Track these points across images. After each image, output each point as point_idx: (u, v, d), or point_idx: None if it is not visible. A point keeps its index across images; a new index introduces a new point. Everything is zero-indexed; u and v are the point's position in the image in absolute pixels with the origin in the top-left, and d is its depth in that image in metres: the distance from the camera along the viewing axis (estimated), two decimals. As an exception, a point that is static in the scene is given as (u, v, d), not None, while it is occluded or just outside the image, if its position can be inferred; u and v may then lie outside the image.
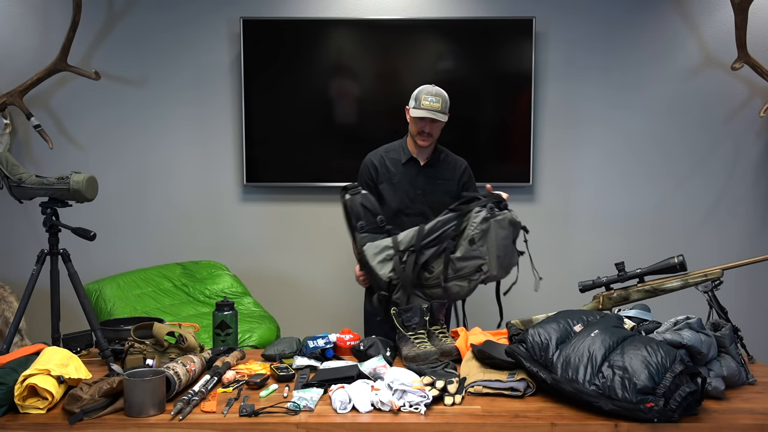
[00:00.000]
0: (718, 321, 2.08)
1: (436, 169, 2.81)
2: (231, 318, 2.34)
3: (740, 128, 3.72)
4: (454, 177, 2.82)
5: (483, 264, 2.38)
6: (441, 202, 2.73)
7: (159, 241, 3.80)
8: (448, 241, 2.40)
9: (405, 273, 2.38)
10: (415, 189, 2.78)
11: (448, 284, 2.39)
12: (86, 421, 1.68)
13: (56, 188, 2.42)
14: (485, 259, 2.38)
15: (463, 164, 2.86)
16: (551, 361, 1.80)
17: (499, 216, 2.39)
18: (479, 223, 2.37)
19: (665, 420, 1.65)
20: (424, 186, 2.78)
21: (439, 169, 2.81)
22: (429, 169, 2.79)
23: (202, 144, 3.77)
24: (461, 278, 2.40)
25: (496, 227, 2.38)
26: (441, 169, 2.81)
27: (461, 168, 2.85)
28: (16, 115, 3.67)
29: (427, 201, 2.77)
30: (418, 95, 2.69)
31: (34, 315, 3.11)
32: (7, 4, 3.70)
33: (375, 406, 1.77)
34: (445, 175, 2.81)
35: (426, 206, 2.76)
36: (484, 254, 2.38)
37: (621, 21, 3.68)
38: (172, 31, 3.71)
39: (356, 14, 3.69)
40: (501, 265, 2.42)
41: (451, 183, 2.81)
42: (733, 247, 3.74)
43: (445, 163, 2.83)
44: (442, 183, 2.80)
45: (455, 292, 2.42)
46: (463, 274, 2.39)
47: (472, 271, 2.39)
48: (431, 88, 2.70)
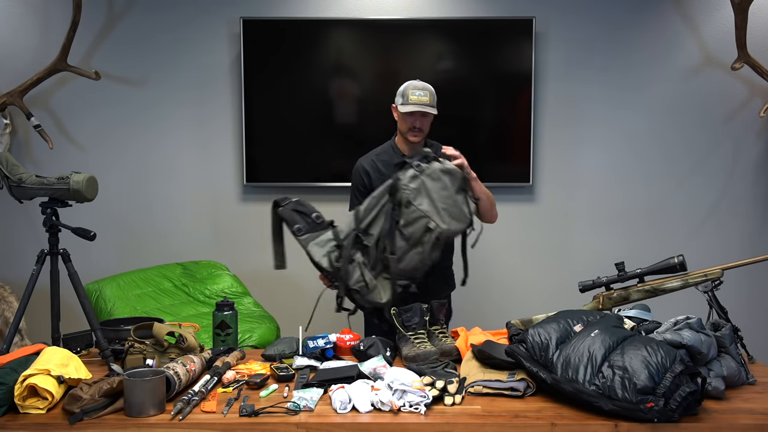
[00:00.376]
0: (718, 321, 2.08)
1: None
2: (231, 318, 2.34)
3: (740, 128, 3.72)
4: None
5: (428, 221, 2.27)
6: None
7: (159, 241, 3.79)
8: (389, 212, 2.30)
9: (342, 265, 2.29)
10: None
11: (406, 256, 2.29)
12: (86, 421, 1.68)
13: (56, 188, 2.42)
14: (429, 216, 2.27)
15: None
16: (551, 361, 1.80)
17: (427, 169, 2.30)
18: (408, 182, 2.29)
19: (665, 420, 1.65)
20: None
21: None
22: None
23: (202, 144, 3.77)
24: (415, 245, 2.29)
25: (428, 181, 2.29)
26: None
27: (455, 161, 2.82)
28: (16, 115, 3.67)
29: None
30: (404, 91, 2.65)
31: (34, 315, 3.11)
32: (7, 4, 3.70)
33: (375, 406, 1.77)
34: None
35: None
36: (426, 211, 2.27)
37: (621, 21, 3.68)
38: (172, 31, 3.71)
39: (356, 14, 3.69)
40: (451, 217, 2.30)
41: None
42: (733, 247, 3.74)
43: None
44: None
45: (418, 260, 2.30)
46: (414, 240, 2.29)
47: (421, 233, 2.28)
48: (417, 83, 2.66)
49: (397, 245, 2.30)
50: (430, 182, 2.29)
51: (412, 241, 2.29)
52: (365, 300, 2.32)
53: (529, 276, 3.84)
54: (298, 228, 2.37)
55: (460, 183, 2.34)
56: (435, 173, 2.30)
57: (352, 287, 2.30)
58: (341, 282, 2.31)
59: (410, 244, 2.29)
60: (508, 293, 3.82)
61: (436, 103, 2.65)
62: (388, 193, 2.34)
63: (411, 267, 2.32)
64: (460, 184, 2.34)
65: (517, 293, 3.83)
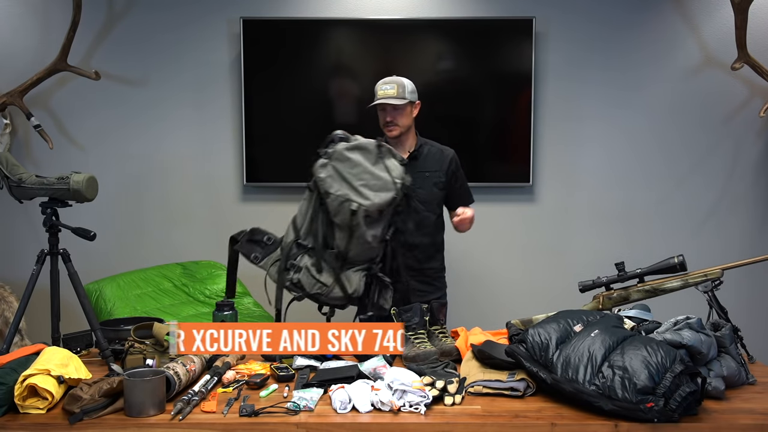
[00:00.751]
0: (718, 321, 2.08)
1: (421, 161, 2.74)
2: (231, 318, 2.34)
3: (740, 128, 3.72)
4: (442, 167, 2.76)
5: (349, 204, 2.11)
6: (431, 195, 2.72)
7: (159, 241, 3.79)
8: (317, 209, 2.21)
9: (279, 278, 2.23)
10: None
11: (350, 245, 2.17)
12: (86, 421, 1.69)
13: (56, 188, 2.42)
14: (348, 198, 2.12)
15: (450, 153, 2.80)
16: (551, 361, 1.80)
17: (333, 153, 2.18)
18: (320, 172, 2.19)
19: (665, 420, 1.65)
20: (411, 181, 2.66)
21: (424, 161, 2.75)
22: (413, 162, 2.71)
23: (202, 144, 3.77)
24: (350, 231, 2.15)
25: (337, 164, 2.17)
26: (426, 161, 2.75)
27: (448, 157, 2.78)
28: (16, 115, 3.67)
29: (417, 195, 2.67)
30: (375, 89, 2.67)
31: (34, 315, 3.11)
32: (7, 4, 3.70)
33: (375, 406, 1.77)
34: (431, 167, 2.75)
35: (416, 201, 2.66)
36: (344, 195, 2.12)
37: (621, 21, 3.68)
38: (172, 30, 3.71)
39: (356, 14, 3.69)
40: (373, 190, 2.14)
41: (438, 174, 2.75)
42: (733, 247, 3.74)
43: (429, 154, 2.77)
44: (430, 175, 2.74)
45: (362, 244, 2.16)
46: (346, 226, 2.15)
47: (347, 217, 2.13)
48: (387, 78, 2.67)
49: (337, 237, 2.19)
50: (339, 165, 2.17)
51: (345, 228, 2.17)
52: (330, 299, 2.23)
53: (529, 276, 3.84)
54: (255, 257, 2.31)
55: (376, 153, 2.19)
56: (341, 155, 2.17)
57: (312, 293, 2.23)
58: (298, 291, 2.24)
59: (347, 232, 2.17)
60: (508, 293, 3.82)
61: (410, 93, 2.66)
62: (309, 190, 2.25)
63: (359, 252, 2.19)
64: (376, 154, 2.20)
65: (517, 293, 3.83)
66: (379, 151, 2.19)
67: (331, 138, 2.23)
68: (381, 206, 2.15)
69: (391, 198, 2.16)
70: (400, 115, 2.66)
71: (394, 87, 2.63)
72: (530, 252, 3.83)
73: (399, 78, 2.68)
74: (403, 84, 2.66)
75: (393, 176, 2.17)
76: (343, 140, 2.21)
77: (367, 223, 2.14)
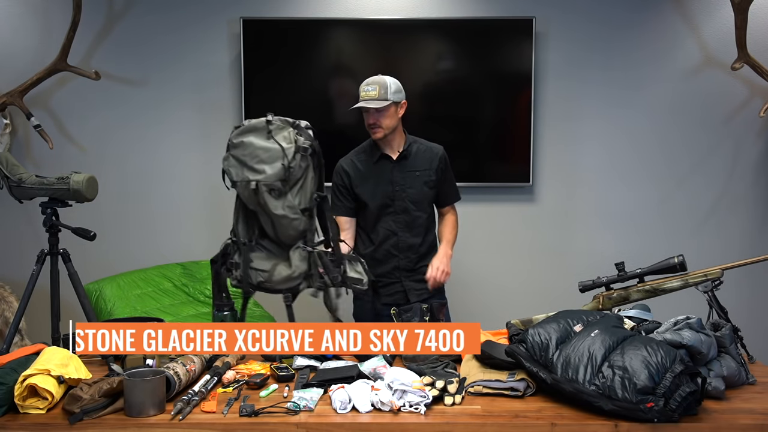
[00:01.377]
0: (718, 321, 2.08)
1: (410, 160, 2.70)
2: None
3: (740, 128, 3.72)
4: (432, 166, 2.72)
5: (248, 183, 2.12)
6: (421, 194, 2.69)
7: (159, 241, 3.79)
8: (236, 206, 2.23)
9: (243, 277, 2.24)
10: (393, 186, 2.68)
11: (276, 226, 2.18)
12: (86, 421, 1.69)
13: (56, 188, 2.42)
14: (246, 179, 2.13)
15: (439, 151, 2.76)
16: (551, 361, 1.80)
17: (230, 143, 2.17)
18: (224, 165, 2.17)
19: (665, 420, 1.65)
20: (401, 181, 2.68)
21: (414, 161, 2.71)
22: (403, 162, 2.69)
23: (202, 143, 3.77)
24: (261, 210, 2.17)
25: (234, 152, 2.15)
26: (416, 159, 2.71)
27: (437, 155, 2.74)
28: (16, 115, 3.67)
29: (408, 195, 2.69)
30: (359, 90, 2.62)
31: (34, 315, 3.11)
32: (7, 4, 3.70)
33: (375, 406, 1.77)
34: (421, 166, 2.71)
35: (407, 201, 2.68)
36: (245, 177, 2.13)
37: (621, 21, 3.68)
38: (171, 31, 3.71)
39: (356, 14, 3.69)
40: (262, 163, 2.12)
41: (428, 172, 2.71)
42: (733, 247, 3.74)
43: (419, 153, 2.73)
44: (420, 174, 2.70)
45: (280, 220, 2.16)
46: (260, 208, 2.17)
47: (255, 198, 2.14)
48: (370, 78, 2.61)
49: (263, 222, 2.21)
50: (236, 152, 2.15)
51: (260, 209, 2.16)
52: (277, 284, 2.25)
53: (529, 276, 3.84)
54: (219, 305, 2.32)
55: (266, 130, 2.14)
56: (234, 142, 2.16)
57: (256, 283, 2.26)
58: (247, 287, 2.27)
59: (264, 214, 2.17)
60: (508, 293, 3.82)
61: (393, 93, 2.56)
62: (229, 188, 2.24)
63: (285, 230, 2.18)
64: (266, 131, 2.14)
65: (517, 293, 3.83)
66: (268, 127, 2.14)
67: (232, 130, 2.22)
68: (278, 176, 2.10)
69: (281, 167, 2.10)
70: (382, 116, 2.59)
71: (375, 88, 2.57)
72: (530, 252, 3.83)
73: (382, 78, 2.61)
74: (385, 85, 2.58)
75: (283, 145, 2.11)
76: (237, 128, 2.20)
77: (275, 196, 2.12)
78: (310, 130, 2.17)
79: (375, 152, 2.70)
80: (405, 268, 2.71)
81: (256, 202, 2.14)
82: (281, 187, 2.12)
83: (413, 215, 2.70)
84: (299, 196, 2.16)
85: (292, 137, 2.13)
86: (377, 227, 2.70)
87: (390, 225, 2.69)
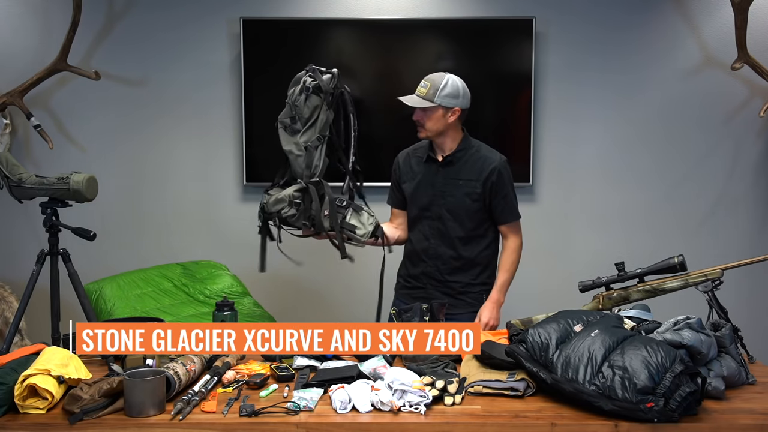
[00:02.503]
0: (718, 321, 2.08)
1: (457, 167, 2.52)
2: (231, 318, 2.34)
3: (740, 128, 3.72)
4: (480, 177, 2.50)
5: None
6: (461, 205, 2.52)
7: (159, 241, 3.80)
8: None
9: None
10: (433, 189, 2.54)
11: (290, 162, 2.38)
12: (86, 421, 1.68)
13: (56, 188, 2.42)
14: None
15: (494, 162, 2.51)
16: (551, 361, 1.80)
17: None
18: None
19: (665, 420, 1.65)
20: (442, 186, 2.53)
21: (461, 167, 2.52)
22: (449, 167, 2.53)
23: (202, 144, 3.77)
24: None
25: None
26: (463, 167, 2.52)
27: (490, 167, 2.50)
28: (16, 115, 3.67)
29: (446, 203, 2.53)
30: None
31: (34, 315, 3.11)
32: (7, 4, 3.70)
33: (375, 406, 1.77)
34: (467, 175, 2.51)
35: (443, 209, 2.52)
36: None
37: (621, 21, 3.68)
38: (172, 31, 3.71)
39: (356, 14, 3.69)
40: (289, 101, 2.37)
41: (474, 184, 2.50)
42: (733, 247, 3.74)
43: (471, 160, 2.52)
44: (464, 183, 2.51)
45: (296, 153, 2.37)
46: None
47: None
48: (431, 75, 2.48)
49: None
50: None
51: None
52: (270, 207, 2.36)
53: (529, 276, 3.83)
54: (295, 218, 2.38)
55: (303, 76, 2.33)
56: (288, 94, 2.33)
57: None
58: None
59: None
60: (509, 293, 3.81)
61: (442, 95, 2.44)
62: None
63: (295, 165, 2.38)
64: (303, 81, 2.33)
65: (517, 293, 3.81)
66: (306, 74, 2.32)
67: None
68: (286, 113, 2.34)
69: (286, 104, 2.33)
70: (427, 117, 2.46)
71: (427, 86, 2.44)
72: (530, 252, 3.80)
73: (441, 78, 2.45)
74: (437, 86, 2.42)
75: (296, 87, 2.31)
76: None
77: (289, 133, 2.35)
78: (329, 75, 2.30)
79: (426, 151, 2.58)
80: (433, 277, 2.60)
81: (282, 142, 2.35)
82: (290, 124, 2.31)
83: (447, 225, 2.54)
84: (307, 134, 2.31)
85: (302, 78, 2.30)
86: (415, 228, 2.61)
87: (424, 229, 2.57)
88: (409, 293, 2.66)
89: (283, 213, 2.33)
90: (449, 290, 2.59)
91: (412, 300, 2.61)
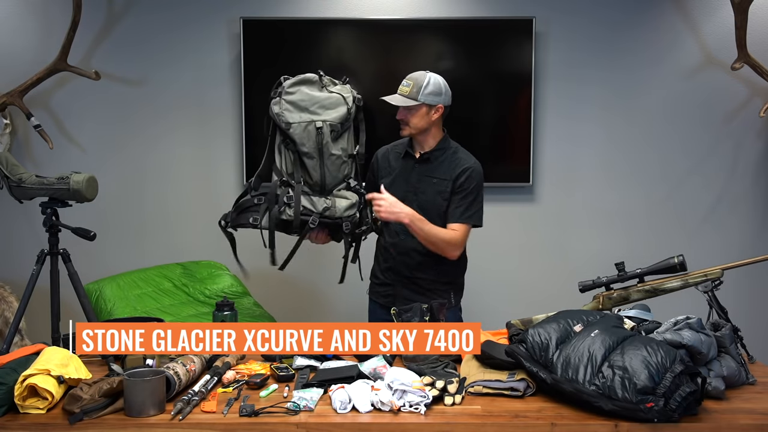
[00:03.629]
0: (718, 321, 2.08)
1: (433, 165, 2.56)
2: (231, 318, 2.34)
3: (740, 128, 3.72)
4: (452, 177, 2.52)
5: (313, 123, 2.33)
6: (433, 203, 2.52)
7: (159, 241, 3.79)
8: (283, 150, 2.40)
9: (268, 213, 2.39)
10: (407, 186, 2.56)
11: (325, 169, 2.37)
12: (86, 421, 1.69)
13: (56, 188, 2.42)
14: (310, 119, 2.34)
15: (467, 164, 2.54)
16: (551, 361, 1.80)
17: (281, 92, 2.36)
18: (274, 110, 2.35)
19: (665, 420, 1.66)
20: (417, 183, 2.56)
21: (437, 166, 2.55)
22: (425, 164, 2.56)
23: (202, 144, 3.77)
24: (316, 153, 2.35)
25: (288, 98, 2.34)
26: (439, 166, 2.55)
27: (462, 167, 2.53)
28: (16, 115, 3.67)
29: (418, 199, 2.53)
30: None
31: (34, 315, 3.11)
32: (7, 4, 3.70)
33: (375, 406, 1.77)
34: (441, 174, 2.54)
35: (415, 205, 2.49)
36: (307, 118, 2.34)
37: (621, 21, 3.68)
38: (172, 31, 3.71)
39: (356, 14, 3.69)
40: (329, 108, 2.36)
41: (446, 183, 2.52)
42: (733, 247, 3.74)
43: (447, 160, 2.56)
44: (438, 182, 2.53)
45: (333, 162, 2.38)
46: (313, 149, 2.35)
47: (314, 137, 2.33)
48: (413, 73, 2.53)
49: (310, 168, 2.34)
50: (290, 98, 2.33)
51: (315, 152, 2.33)
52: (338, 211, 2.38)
53: (529, 276, 3.84)
54: (254, 219, 2.42)
55: (319, 83, 2.37)
56: (289, 90, 2.34)
57: (320, 211, 2.36)
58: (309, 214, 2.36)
59: (317, 157, 2.34)
60: (508, 293, 3.82)
61: (425, 93, 2.48)
62: (272, 136, 2.40)
63: (333, 173, 2.38)
64: (319, 83, 2.37)
65: (517, 293, 3.83)
66: (321, 80, 2.38)
67: (278, 82, 2.39)
68: (341, 119, 2.35)
69: (346, 111, 2.36)
70: (411, 115, 2.50)
71: (410, 85, 2.48)
72: (530, 252, 3.83)
73: (423, 76, 2.49)
74: (420, 84, 2.47)
75: (342, 94, 2.37)
76: (288, 79, 2.37)
77: (334, 138, 2.34)
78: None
79: (406, 147, 2.62)
80: (400, 273, 2.61)
81: (316, 142, 2.31)
82: (340, 129, 2.35)
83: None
84: (349, 141, 2.41)
85: (349, 89, 2.41)
86: (389, 224, 2.59)
87: (396, 225, 2.56)
88: (378, 291, 2.70)
89: (354, 219, 2.42)
90: (416, 287, 2.60)
91: (381, 299, 2.66)
